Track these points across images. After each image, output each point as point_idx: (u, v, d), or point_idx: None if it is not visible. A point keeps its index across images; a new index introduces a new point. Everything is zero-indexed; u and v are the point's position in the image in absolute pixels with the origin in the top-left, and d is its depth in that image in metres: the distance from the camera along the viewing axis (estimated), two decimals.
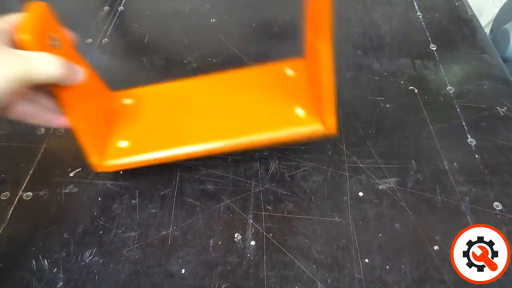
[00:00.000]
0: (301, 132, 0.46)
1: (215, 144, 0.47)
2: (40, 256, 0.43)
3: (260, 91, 0.50)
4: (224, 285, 0.41)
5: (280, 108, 0.48)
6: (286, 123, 0.47)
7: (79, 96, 0.43)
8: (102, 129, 0.49)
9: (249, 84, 0.52)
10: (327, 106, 0.44)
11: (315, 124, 0.46)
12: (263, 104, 0.49)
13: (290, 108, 0.48)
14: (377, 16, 0.76)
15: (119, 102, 0.53)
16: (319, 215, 0.47)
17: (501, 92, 0.61)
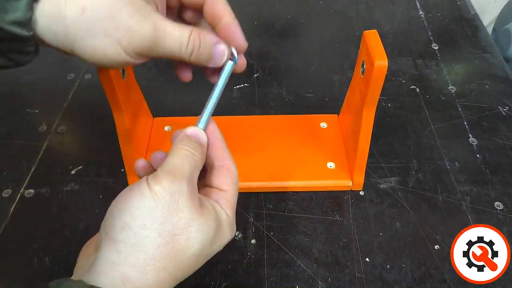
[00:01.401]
0: (330, 184, 0.49)
1: (252, 184, 0.49)
2: (41, 254, 0.44)
3: (297, 139, 0.53)
4: (225, 283, 0.41)
5: (313, 159, 0.51)
6: (317, 175, 0.49)
7: (130, 115, 0.45)
8: (143, 152, 0.50)
9: (288, 130, 0.54)
10: (359, 165, 0.47)
11: (344, 180, 0.49)
12: (298, 152, 0.51)
13: (322, 160, 0.50)
14: (378, 15, 0.76)
15: (160, 128, 0.54)
16: (320, 214, 0.47)
17: (502, 92, 0.61)
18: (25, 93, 0.62)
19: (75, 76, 0.64)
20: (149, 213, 0.26)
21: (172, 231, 0.26)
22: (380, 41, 0.39)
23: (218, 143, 0.32)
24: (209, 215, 0.28)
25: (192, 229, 0.27)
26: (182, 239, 0.26)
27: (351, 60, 0.67)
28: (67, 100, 0.60)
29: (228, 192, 0.31)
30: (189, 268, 0.28)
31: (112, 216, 0.27)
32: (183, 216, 0.26)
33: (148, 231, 0.26)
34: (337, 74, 0.64)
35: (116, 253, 0.25)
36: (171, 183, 0.27)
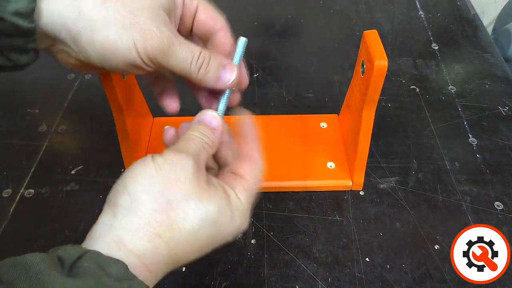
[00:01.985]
0: (330, 184, 0.49)
1: None
2: None
3: (297, 139, 0.53)
4: (225, 283, 0.41)
5: (313, 159, 0.51)
6: (317, 175, 0.49)
7: (130, 115, 0.45)
8: (143, 152, 0.50)
9: (288, 130, 0.54)
10: (359, 165, 0.47)
11: (344, 180, 0.49)
12: (298, 152, 0.52)
13: (322, 160, 0.50)
14: (379, 15, 0.76)
15: (160, 128, 0.54)
16: (320, 214, 0.47)
17: (502, 92, 0.61)
18: (25, 93, 0.62)
19: (75, 76, 0.64)
20: (148, 179, 0.26)
21: (169, 199, 0.26)
22: (380, 41, 0.39)
23: (250, 135, 0.32)
24: (215, 194, 0.27)
25: (192, 201, 0.26)
26: (179, 209, 0.26)
27: (351, 60, 0.67)
28: (67, 100, 0.60)
29: (247, 180, 0.30)
30: (187, 244, 0.26)
31: (116, 184, 0.27)
32: (183, 187, 0.26)
33: (145, 195, 0.26)
34: (337, 74, 0.64)
35: (113, 217, 0.25)
36: (174, 156, 0.27)
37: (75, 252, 0.23)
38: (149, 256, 0.25)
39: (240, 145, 0.32)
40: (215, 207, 0.27)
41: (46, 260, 0.23)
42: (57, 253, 0.24)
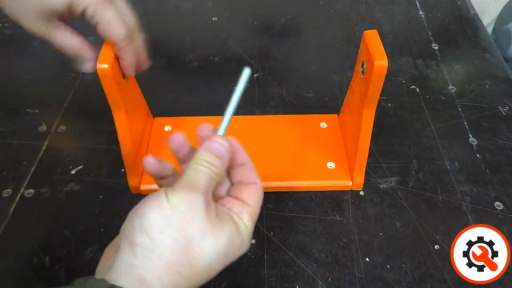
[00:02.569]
0: (330, 184, 0.49)
1: None
2: (41, 254, 0.44)
3: (297, 139, 0.53)
4: (225, 283, 0.41)
5: (313, 159, 0.51)
6: (317, 175, 0.49)
7: (130, 115, 0.45)
8: (143, 152, 0.50)
9: (288, 130, 0.54)
10: (360, 165, 0.47)
11: (344, 180, 0.49)
12: (298, 152, 0.52)
13: (322, 160, 0.50)
14: (379, 15, 0.76)
15: (160, 128, 0.54)
16: (320, 214, 0.47)
17: (502, 92, 0.61)
18: (25, 93, 0.62)
19: (75, 76, 0.64)
20: (165, 220, 0.27)
21: (187, 239, 0.27)
22: (380, 41, 0.39)
23: (247, 161, 0.33)
24: (225, 226, 0.29)
25: (207, 238, 0.28)
26: (198, 247, 0.27)
27: (351, 60, 0.67)
28: (67, 100, 0.60)
29: (252, 207, 0.32)
30: (204, 276, 0.28)
31: (131, 222, 0.28)
32: (199, 226, 0.27)
33: (163, 235, 0.27)
34: (337, 74, 0.64)
35: (134, 256, 0.26)
36: (188, 195, 0.28)
37: (101, 286, 0.25)
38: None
39: (238, 169, 0.34)
40: (228, 239, 0.29)
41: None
42: (85, 286, 0.25)
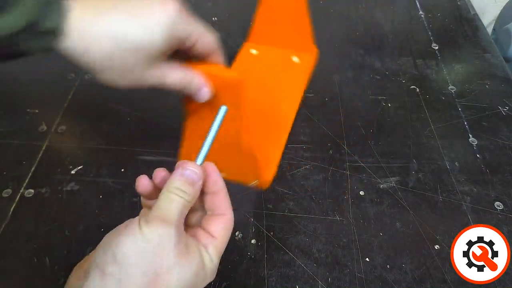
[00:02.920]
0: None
1: None
2: (41, 253, 0.44)
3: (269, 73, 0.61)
4: (225, 283, 0.41)
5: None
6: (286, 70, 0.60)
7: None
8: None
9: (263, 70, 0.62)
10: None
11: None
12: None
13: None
14: (379, 15, 0.76)
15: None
16: (320, 214, 0.47)
17: (503, 92, 0.61)
18: (25, 93, 0.62)
19: (75, 76, 0.64)
20: (137, 253, 0.28)
21: (155, 271, 0.28)
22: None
23: (219, 190, 0.33)
24: (193, 259, 0.30)
25: (174, 271, 0.29)
26: (164, 279, 0.28)
27: (351, 60, 0.67)
28: (67, 100, 0.60)
29: (219, 240, 0.32)
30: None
31: (103, 249, 0.29)
32: (168, 259, 0.28)
33: (134, 269, 0.28)
34: (337, 74, 0.64)
35: (103, 285, 0.27)
36: (160, 227, 0.29)
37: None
38: None
39: (209, 198, 0.34)
40: (193, 272, 0.30)
41: None
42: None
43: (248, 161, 0.45)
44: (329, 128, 0.56)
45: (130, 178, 0.50)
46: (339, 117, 0.57)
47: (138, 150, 0.53)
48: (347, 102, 0.59)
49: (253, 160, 0.44)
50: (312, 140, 0.54)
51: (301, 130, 0.56)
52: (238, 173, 0.47)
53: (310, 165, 0.52)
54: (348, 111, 0.58)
